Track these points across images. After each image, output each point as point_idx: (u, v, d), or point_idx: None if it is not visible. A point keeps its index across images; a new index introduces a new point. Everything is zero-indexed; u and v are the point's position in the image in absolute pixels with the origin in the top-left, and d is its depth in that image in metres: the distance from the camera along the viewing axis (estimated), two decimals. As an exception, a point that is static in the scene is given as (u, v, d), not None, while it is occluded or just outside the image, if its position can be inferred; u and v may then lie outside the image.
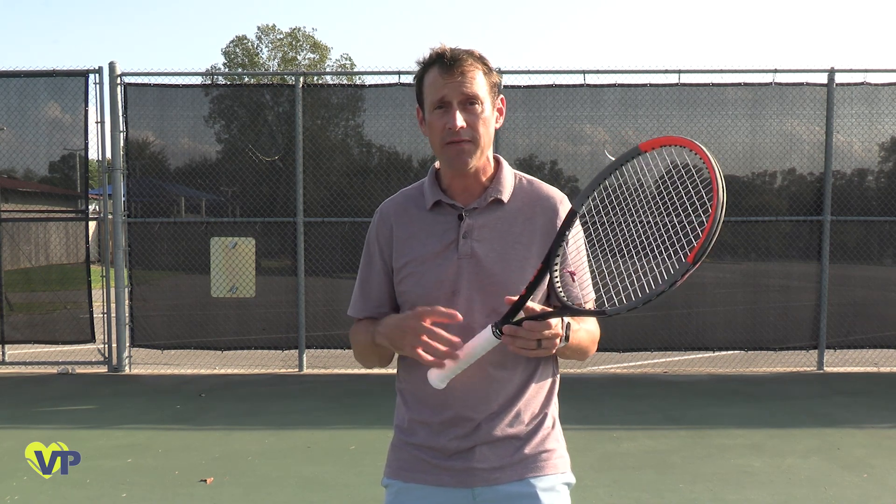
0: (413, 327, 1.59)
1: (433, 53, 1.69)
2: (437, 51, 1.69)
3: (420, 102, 1.75)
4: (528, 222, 1.75)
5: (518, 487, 1.72)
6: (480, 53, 1.72)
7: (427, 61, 1.70)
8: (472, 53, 1.69)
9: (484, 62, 1.71)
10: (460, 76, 1.66)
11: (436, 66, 1.68)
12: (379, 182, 7.94)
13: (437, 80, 1.67)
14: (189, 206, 8.69)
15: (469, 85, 1.66)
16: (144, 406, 6.41)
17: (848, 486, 4.39)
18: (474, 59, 1.69)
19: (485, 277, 1.70)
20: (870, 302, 8.21)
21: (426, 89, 1.70)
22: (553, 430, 1.80)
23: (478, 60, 1.69)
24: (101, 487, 4.37)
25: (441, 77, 1.66)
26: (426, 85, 1.70)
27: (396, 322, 1.65)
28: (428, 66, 1.70)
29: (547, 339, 1.53)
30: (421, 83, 1.72)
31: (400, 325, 1.63)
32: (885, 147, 8.03)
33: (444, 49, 1.68)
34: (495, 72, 1.74)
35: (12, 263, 8.10)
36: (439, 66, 1.67)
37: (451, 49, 1.68)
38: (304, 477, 4.57)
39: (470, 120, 1.67)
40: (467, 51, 1.69)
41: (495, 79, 1.73)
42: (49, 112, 7.91)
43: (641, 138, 7.84)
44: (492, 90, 1.72)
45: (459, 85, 1.65)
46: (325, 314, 7.85)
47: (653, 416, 6.10)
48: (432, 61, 1.69)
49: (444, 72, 1.66)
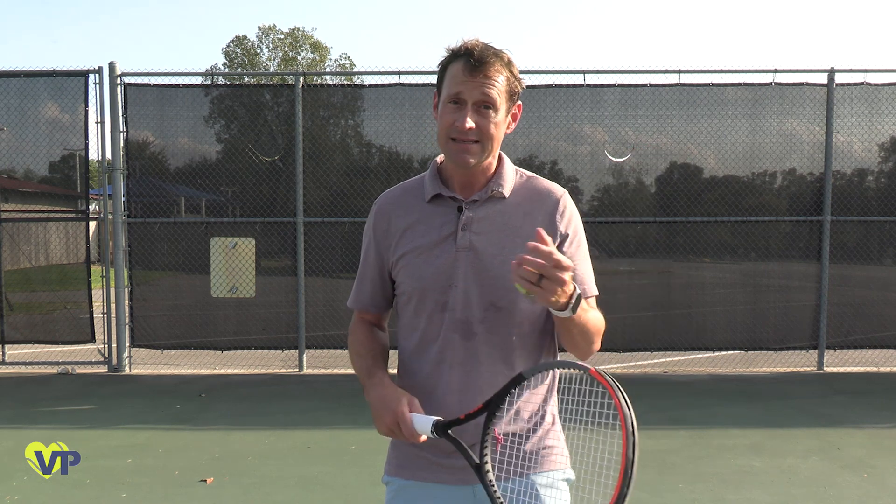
0: (387, 423, 1.62)
1: (463, 47, 1.65)
2: (467, 45, 1.65)
3: (438, 89, 1.72)
4: (528, 217, 1.74)
5: (518, 484, 1.71)
6: (510, 58, 1.68)
7: (455, 52, 1.67)
8: (500, 57, 1.66)
9: (511, 69, 1.68)
10: (483, 78, 1.63)
11: (461, 61, 1.64)
12: (379, 182, 7.93)
13: (459, 76, 1.64)
14: (189, 206, 8.69)
15: (488, 89, 1.63)
16: (144, 406, 6.41)
17: (848, 486, 4.39)
18: (502, 63, 1.65)
19: (482, 270, 1.69)
20: (870, 302, 8.21)
21: (447, 80, 1.68)
22: (553, 427, 1.79)
23: (505, 66, 1.66)
24: (101, 487, 4.37)
25: (463, 73, 1.64)
26: (448, 76, 1.67)
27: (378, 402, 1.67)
28: (455, 56, 1.67)
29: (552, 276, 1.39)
30: (444, 71, 1.69)
31: (378, 410, 1.65)
32: (885, 147, 8.03)
33: (475, 45, 1.64)
34: (520, 79, 1.70)
35: (12, 263, 8.10)
36: (465, 63, 1.64)
37: (483, 47, 1.64)
38: (304, 477, 4.57)
39: (480, 122, 1.65)
40: (497, 53, 1.65)
41: (517, 87, 1.70)
42: (49, 112, 7.91)
43: (641, 138, 7.88)
44: (510, 97, 1.69)
45: (479, 86, 1.63)
46: (325, 314, 7.85)
47: (653, 416, 6.09)
48: (459, 54, 1.65)
49: (468, 70, 1.63)
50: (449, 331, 1.71)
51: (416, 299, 1.75)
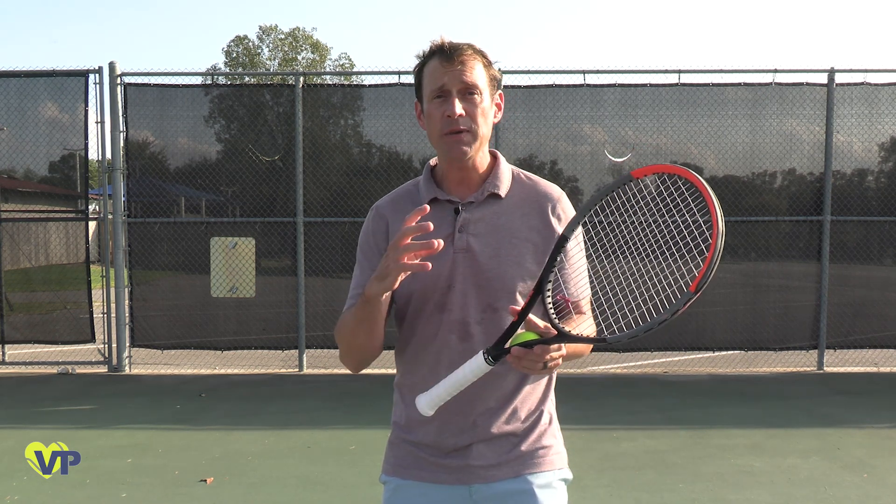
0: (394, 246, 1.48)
1: (433, 45, 1.70)
2: (436, 43, 1.69)
3: (419, 96, 1.74)
4: (525, 217, 1.74)
5: (515, 484, 1.72)
6: (480, 47, 1.72)
7: (427, 53, 1.71)
8: (471, 45, 1.70)
9: (483, 55, 1.71)
10: (460, 65, 1.66)
11: (435, 57, 1.68)
12: (379, 182, 7.93)
13: (437, 70, 1.67)
14: (189, 206, 8.69)
15: (468, 74, 1.66)
16: (144, 406, 6.41)
17: (848, 486, 4.39)
18: (474, 50, 1.69)
19: (480, 272, 1.70)
20: (870, 302, 8.21)
21: (425, 79, 1.70)
22: (550, 427, 1.80)
23: (477, 53, 1.70)
24: (101, 487, 4.37)
25: (441, 66, 1.66)
26: (425, 75, 1.70)
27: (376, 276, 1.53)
28: (427, 58, 1.70)
29: (553, 361, 1.51)
30: (420, 75, 1.72)
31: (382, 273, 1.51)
32: (885, 147, 8.03)
33: (444, 41, 1.69)
34: (494, 66, 1.74)
35: (12, 263, 8.10)
36: (439, 56, 1.67)
37: (451, 41, 1.69)
38: (304, 477, 4.57)
39: (469, 109, 1.66)
40: (467, 43, 1.70)
41: (494, 73, 1.73)
42: (49, 112, 7.91)
43: (641, 138, 7.87)
44: (491, 83, 1.72)
45: (459, 73, 1.65)
46: (325, 314, 7.85)
47: (653, 416, 6.10)
48: (432, 53, 1.69)
49: (444, 61, 1.66)
50: (446, 332, 1.71)
51: (414, 301, 1.74)
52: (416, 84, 1.75)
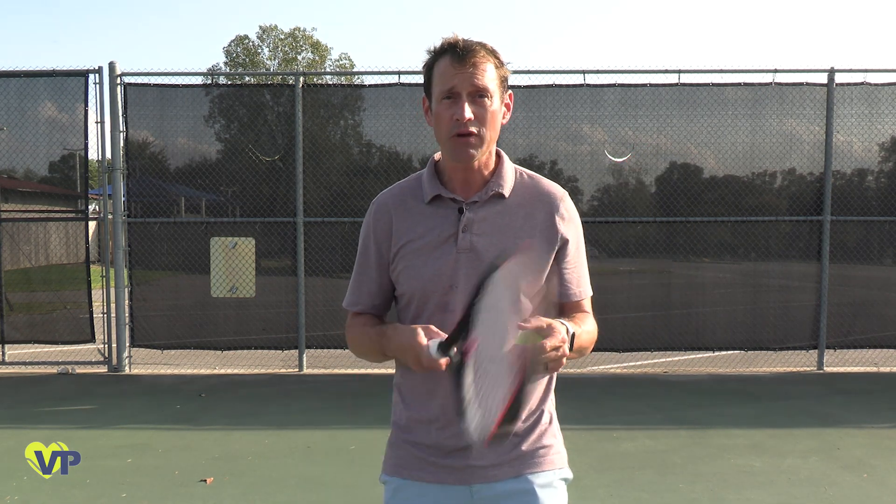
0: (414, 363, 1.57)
1: (445, 43, 1.66)
2: (449, 40, 1.66)
3: (427, 92, 1.72)
4: (529, 217, 1.73)
5: (515, 484, 1.72)
6: (493, 47, 1.69)
7: (438, 50, 1.68)
8: (484, 46, 1.67)
9: (496, 55, 1.69)
10: (472, 67, 1.63)
11: (447, 56, 1.65)
12: (379, 182, 7.92)
13: (448, 70, 1.64)
14: (189, 206, 8.69)
15: (480, 77, 1.64)
16: (144, 406, 6.41)
17: (848, 486, 4.39)
18: (486, 51, 1.66)
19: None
20: (870, 302, 8.21)
21: (435, 78, 1.67)
22: (550, 426, 1.80)
23: (490, 53, 1.67)
24: (101, 487, 4.37)
25: (452, 67, 1.64)
26: (436, 74, 1.67)
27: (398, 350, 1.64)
28: (439, 55, 1.67)
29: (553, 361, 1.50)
30: (430, 72, 1.69)
31: (404, 355, 1.61)
32: (885, 147, 8.02)
33: (457, 39, 1.66)
34: (506, 66, 1.72)
35: (12, 263, 8.10)
36: (451, 56, 1.64)
37: (464, 40, 1.65)
38: (304, 477, 4.57)
39: (478, 112, 1.65)
40: (480, 42, 1.67)
41: (505, 73, 1.71)
42: (49, 112, 7.91)
43: (641, 138, 7.88)
44: (501, 84, 1.69)
45: (470, 76, 1.63)
46: (325, 314, 7.85)
47: (653, 416, 6.10)
48: (444, 50, 1.66)
49: (456, 62, 1.63)
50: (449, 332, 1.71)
51: (416, 301, 1.74)
52: (425, 80, 1.72)
